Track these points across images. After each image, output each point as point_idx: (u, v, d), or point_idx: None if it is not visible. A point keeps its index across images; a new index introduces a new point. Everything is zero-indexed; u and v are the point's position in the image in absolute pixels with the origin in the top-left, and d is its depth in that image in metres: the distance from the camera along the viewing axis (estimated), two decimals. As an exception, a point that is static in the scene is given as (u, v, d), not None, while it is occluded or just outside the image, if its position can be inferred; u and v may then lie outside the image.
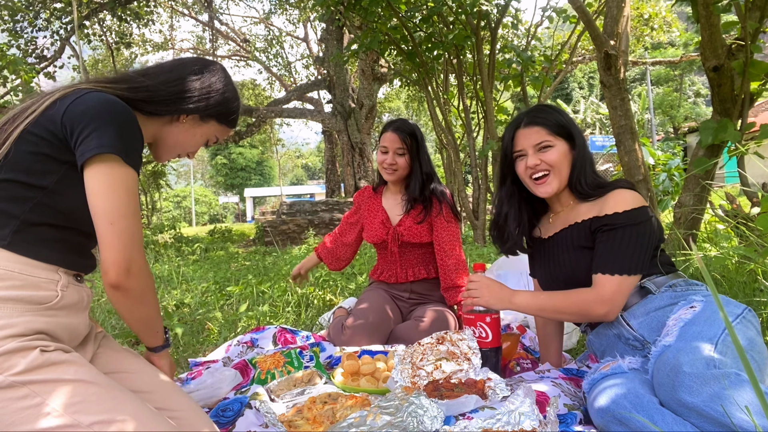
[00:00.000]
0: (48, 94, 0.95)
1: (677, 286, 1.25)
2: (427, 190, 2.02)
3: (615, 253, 1.22)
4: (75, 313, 0.94)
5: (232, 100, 1.17)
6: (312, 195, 35.38)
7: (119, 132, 0.89)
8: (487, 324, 1.43)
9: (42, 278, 0.87)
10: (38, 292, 0.86)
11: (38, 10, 9.25)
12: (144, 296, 0.95)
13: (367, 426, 1.02)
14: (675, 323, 1.12)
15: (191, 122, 1.12)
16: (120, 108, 0.92)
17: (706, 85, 22.51)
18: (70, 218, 0.92)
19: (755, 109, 13.86)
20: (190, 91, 1.07)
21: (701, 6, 2.11)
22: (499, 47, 5.10)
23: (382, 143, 2.02)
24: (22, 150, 0.88)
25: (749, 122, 2.27)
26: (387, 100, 17.84)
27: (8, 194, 0.87)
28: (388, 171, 2.01)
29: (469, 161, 5.83)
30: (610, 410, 1.03)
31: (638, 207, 1.25)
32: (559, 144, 1.33)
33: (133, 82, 1.03)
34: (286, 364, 1.63)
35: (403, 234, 2.02)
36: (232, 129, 1.23)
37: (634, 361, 1.18)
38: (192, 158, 1.24)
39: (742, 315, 1.12)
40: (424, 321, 1.87)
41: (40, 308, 0.86)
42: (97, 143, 0.86)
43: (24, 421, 0.78)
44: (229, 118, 1.18)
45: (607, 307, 1.22)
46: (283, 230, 8.99)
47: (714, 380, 0.89)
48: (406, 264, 2.07)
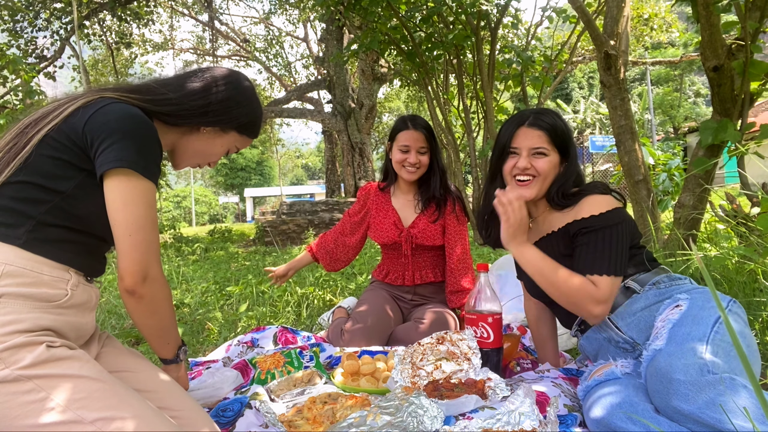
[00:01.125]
0: (71, 100, 0.96)
1: (661, 283, 1.25)
2: (442, 188, 1.97)
3: (600, 254, 1.22)
4: (83, 312, 0.96)
5: (254, 111, 1.17)
6: (312, 195, 35.38)
7: (139, 147, 0.91)
8: (489, 324, 1.43)
9: (53, 277, 0.89)
10: (48, 290, 0.88)
11: (38, 10, 9.24)
12: (158, 304, 0.97)
13: (367, 426, 1.02)
14: (663, 325, 1.11)
15: (211, 133, 1.13)
16: (141, 122, 0.94)
17: (706, 85, 22.49)
18: (84, 222, 0.94)
19: (755, 109, 13.85)
20: (213, 104, 1.09)
21: (701, 6, 2.11)
22: (499, 47, 5.10)
23: (402, 142, 1.92)
24: (42, 154, 0.90)
25: (749, 122, 2.27)
26: (387, 100, 17.83)
27: (26, 195, 0.89)
28: (410, 170, 1.92)
29: (469, 161, 5.83)
30: (605, 422, 1.02)
31: (612, 209, 1.26)
32: (553, 155, 1.34)
33: (156, 94, 1.04)
34: (286, 364, 1.63)
35: (416, 236, 1.96)
36: (254, 138, 1.22)
37: (626, 364, 1.17)
38: (213, 167, 1.25)
39: (728, 308, 1.11)
40: (424, 323, 1.85)
41: (49, 306, 0.88)
42: (116, 156, 0.88)
43: (28, 415, 0.79)
44: (250, 129, 1.18)
45: (602, 307, 1.21)
46: (283, 230, 8.99)
47: (709, 386, 0.88)
48: (415, 266, 2.02)
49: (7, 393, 0.79)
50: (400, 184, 2.05)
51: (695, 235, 2.47)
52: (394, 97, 17.86)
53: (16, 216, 0.88)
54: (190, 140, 1.13)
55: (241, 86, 1.14)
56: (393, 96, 17.81)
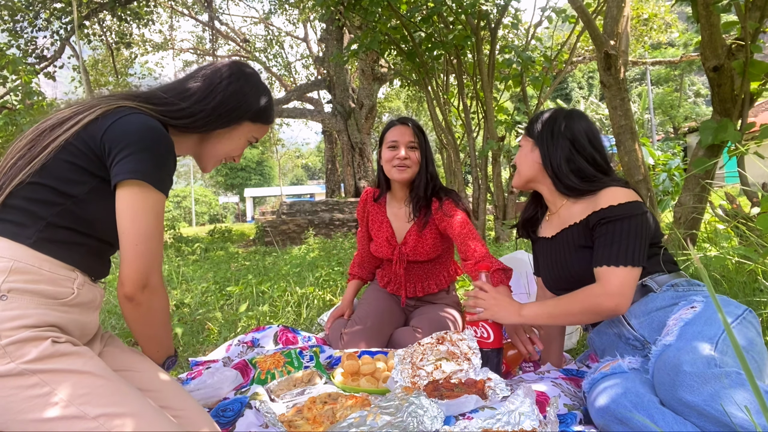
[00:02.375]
0: (91, 107, 0.98)
1: (679, 286, 1.25)
2: (429, 190, 1.87)
3: (615, 245, 1.21)
4: (87, 311, 0.97)
5: (263, 98, 1.18)
6: (312, 195, 35.36)
7: (155, 160, 0.93)
8: (489, 324, 1.43)
9: (60, 275, 0.91)
10: (55, 288, 0.90)
11: (38, 10, 9.25)
12: (154, 313, 0.98)
13: (367, 426, 1.02)
14: (675, 323, 1.12)
15: (228, 130, 1.14)
16: (159, 136, 0.96)
17: (706, 85, 22.51)
18: (92, 226, 0.96)
19: (755, 109, 13.85)
20: (223, 104, 1.10)
21: (701, 6, 2.11)
22: (499, 47, 5.10)
23: (391, 138, 1.86)
24: (60, 158, 0.92)
25: (749, 122, 2.27)
26: (387, 100, 17.84)
27: (39, 197, 0.91)
28: (399, 168, 1.83)
29: (469, 161, 5.83)
30: (610, 410, 1.02)
31: (632, 201, 1.25)
32: (525, 144, 1.47)
33: (171, 105, 1.05)
34: (286, 364, 1.63)
35: (408, 254, 1.91)
36: (269, 125, 1.23)
37: (634, 361, 1.17)
38: (238, 161, 1.26)
39: (743, 316, 1.12)
40: (423, 327, 1.83)
41: (55, 303, 0.90)
42: (131, 167, 0.91)
43: (32, 409, 0.80)
44: (263, 116, 1.19)
45: (616, 299, 1.19)
46: (283, 230, 8.99)
47: (714, 379, 0.89)
48: (414, 279, 1.98)
49: (12, 387, 0.80)
50: (394, 191, 1.96)
51: (695, 235, 2.47)
52: (394, 97, 17.87)
53: (28, 216, 0.90)
54: (209, 143, 1.15)
55: (244, 76, 1.15)
56: (393, 96, 17.81)
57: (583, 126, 1.38)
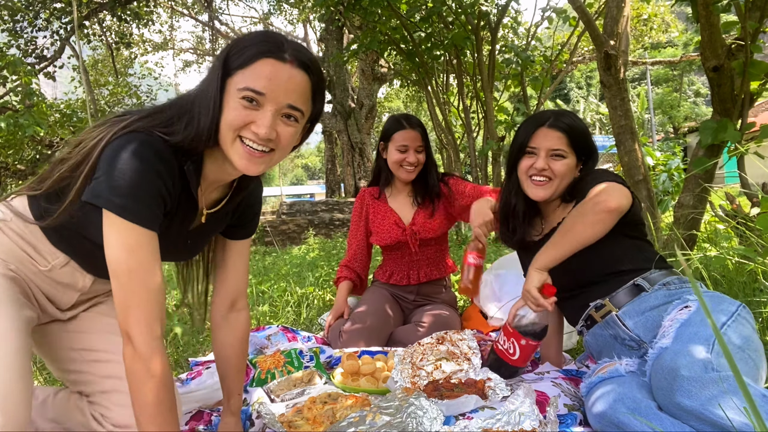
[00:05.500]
0: (114, 128, 0.91)
1: (671, 284, 1.25)
2: (433, 179, 2.01)
3: (597, 181, 1.26)
4: (60, 288, 1.06)
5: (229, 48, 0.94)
6: (312, 195, 35.36)
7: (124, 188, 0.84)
8: (521, 346, 1.35)
9: (45, 251, 1.01)
10: (34, 253, 1.01)
11: (38, 10, 9.24)
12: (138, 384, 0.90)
13: (366, 426, 1.02)
14: (671, 324, 1.11)
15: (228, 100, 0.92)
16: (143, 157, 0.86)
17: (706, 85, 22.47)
18: (88, 230, 1.00)
19: (755, 109, 13.85)
20: (199, 93, 0.94)
21: (701, 6, 2.11)
22: (499, 47, 5.10)
23: (400, 141, 1.92)
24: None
25: (749, 122, 2.27)
26: (387, 100, 17.83)
27: (60, 188, 0.98)
28: (408, 170, 1.94)
29: (469, 161, 5.83)
30: (607, 416, 1.02)
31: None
32: (570, 158, 1.36)
33: (178, 135, 0.93)
34: (286, 364, 1.63)
35: (419, 232, 1.98)
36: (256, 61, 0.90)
37: (631, 363, 1.17)
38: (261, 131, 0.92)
39: (737, 312, 1.11)
40: (424, 326, 1.85)
41: (26, 260, 1.00)
42: (98, 192, 0.86)
43: None
44: (236, 59, 0.91)
45: (614, 199, 1.18)
46: (283, 230, 8.98)
47: (712, 383, 0.89)
48: (421, 263, 2.04)
49: None
50: (396, 184, 2.06)
51: (695, 235, 2.47)
52: (394, 97, 17.86)
53: (49, 201, 0.99)
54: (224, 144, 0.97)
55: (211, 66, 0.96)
56: (393, 96, 17.81)
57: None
